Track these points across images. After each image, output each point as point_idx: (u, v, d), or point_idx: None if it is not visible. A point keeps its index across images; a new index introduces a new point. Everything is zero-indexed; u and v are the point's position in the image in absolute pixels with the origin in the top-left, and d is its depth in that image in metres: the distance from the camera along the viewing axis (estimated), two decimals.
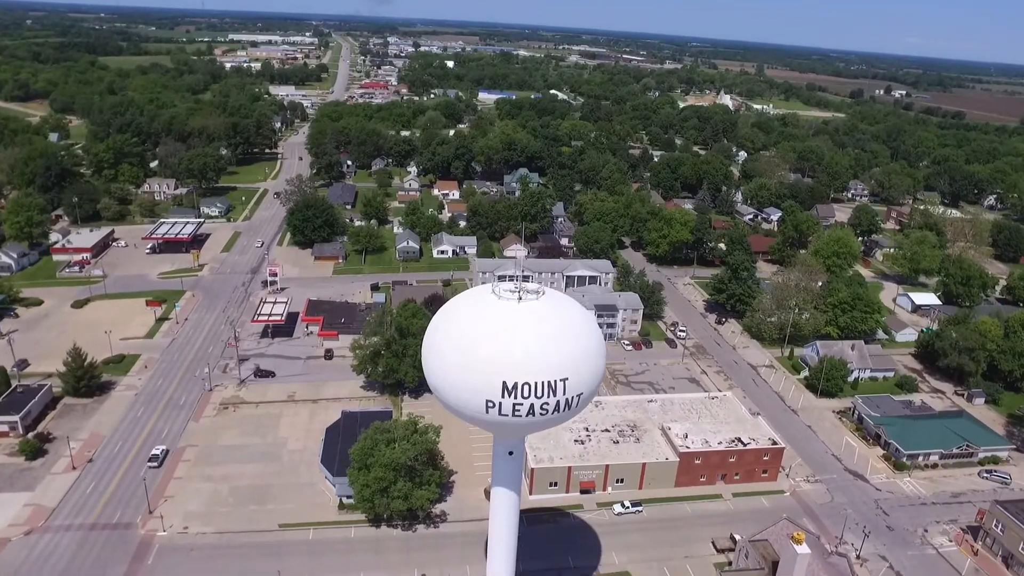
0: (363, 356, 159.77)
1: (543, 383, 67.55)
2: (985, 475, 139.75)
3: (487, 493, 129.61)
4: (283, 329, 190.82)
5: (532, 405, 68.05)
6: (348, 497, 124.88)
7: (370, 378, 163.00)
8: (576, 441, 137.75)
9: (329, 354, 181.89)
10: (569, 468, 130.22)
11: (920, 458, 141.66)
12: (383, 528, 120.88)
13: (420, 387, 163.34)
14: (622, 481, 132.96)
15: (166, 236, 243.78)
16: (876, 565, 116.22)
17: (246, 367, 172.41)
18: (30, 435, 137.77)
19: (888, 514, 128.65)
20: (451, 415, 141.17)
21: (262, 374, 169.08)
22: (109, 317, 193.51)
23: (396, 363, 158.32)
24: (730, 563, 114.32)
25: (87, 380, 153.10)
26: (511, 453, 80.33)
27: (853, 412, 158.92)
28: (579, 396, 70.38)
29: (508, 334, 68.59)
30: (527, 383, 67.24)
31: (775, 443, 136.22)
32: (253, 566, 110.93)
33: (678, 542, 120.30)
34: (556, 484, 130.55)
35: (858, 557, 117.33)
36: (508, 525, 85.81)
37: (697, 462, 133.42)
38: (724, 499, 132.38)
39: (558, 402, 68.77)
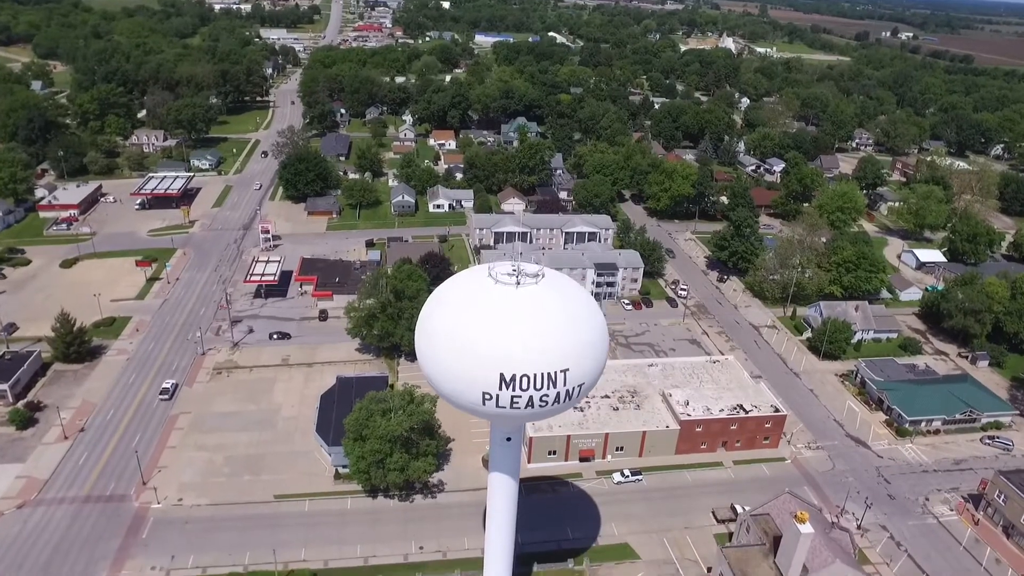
0: (358, 319, 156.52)
1: (543, 375, 64.34)
2: (987, 441, 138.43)
3: (485, 462, 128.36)
4: (276, 289, 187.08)
5: (531, 397, 65.00)
6: (344, 467, 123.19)
7: (365, 341, 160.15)
8: (575, 408, 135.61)
9: (323, 315, 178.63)
10: (568, 436, 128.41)
11: (923, 424, 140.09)
12: (380, 499, 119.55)
13: None
14: (622, 449, 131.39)
15: (155, 191, 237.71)
16: (877, 535, 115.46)
17: (239, 329, 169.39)
18: (20, 404, 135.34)
19: (889, 482, 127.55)
20: None
21: (279, 335, 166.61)
22: (99, 277, 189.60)
23: (392, 326, 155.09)
24: (731, 535, 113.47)
25: (77, 346, 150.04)
26: (509, 439, 77.59)
27: (856, 376, 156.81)
28: (580, 386, 67.30)
29: (506, 324, 64.96)
30: (526, 375, 64.04)
31: (777, 410, 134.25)
32: (249, 539, 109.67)
33: (678, 512, 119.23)
34: (555, 452, 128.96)
35: (859, 527, 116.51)
36: (506, 510, 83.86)
37: (698, 430, 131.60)
38: (725, 467, 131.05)
39: (558, 393, 65.74)
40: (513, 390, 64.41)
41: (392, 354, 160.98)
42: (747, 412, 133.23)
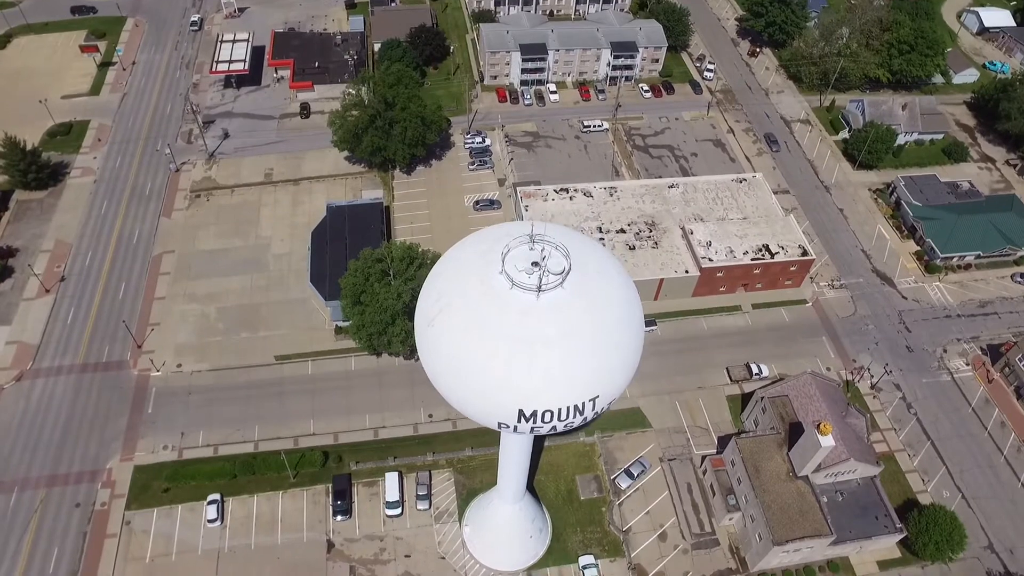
0: (344, 133, 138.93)
1: (568, 408, 55.14)
2: (1019, 279, 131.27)
3: None
4: (249, 77, 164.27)
5: (554, 426, 56.58)
6: (345, 320, 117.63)
7: (355, 155, 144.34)
8: None
9: (305, 110, 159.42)
10: None
11: (954, 259, 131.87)
12: (384, 357, 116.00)
13: (413, 162, 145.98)
14: None
15: None
16: (889, 396, 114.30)
17: (213, 134, 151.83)
18: None
19: (910, 331, 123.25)
20: (448, 207, 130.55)
21: (485, 204, 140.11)
22: (40, 64, 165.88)
23: (382, 141, 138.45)
24: (743, 399, 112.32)
25: (35, 171, 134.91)
26: None
27: (891, 193, 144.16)
28: (609, 404, 58.42)
29: (525, 353, 53.57)
30: (549, 411, 54.86)
31: (805, 253, 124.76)
32: (255, 410, 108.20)
33: (692, 369, 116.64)
34: None
35: (872, 387, 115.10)
36: (520, 460, 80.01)
37: (719, 275, 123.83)
38: (743, 311, 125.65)
39: (584, 418, 57.10)
40: (534, 422, 55.72)
41: (386, 166, 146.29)
42: (773, 256, 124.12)
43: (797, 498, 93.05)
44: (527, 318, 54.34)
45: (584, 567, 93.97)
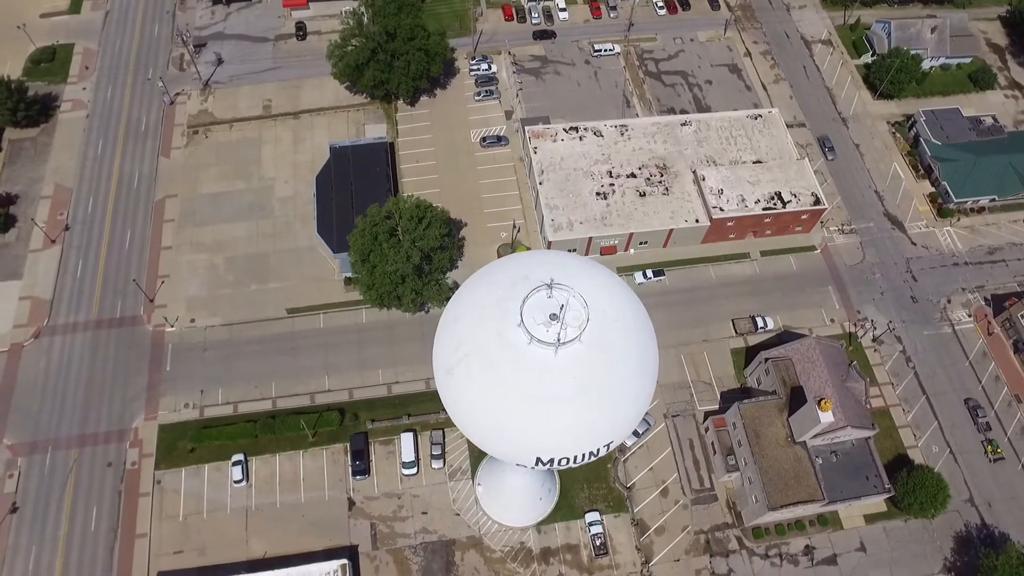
0: (345, 66, 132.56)
1: (585, 453, 57.37)
2: None
3: (499, 254, 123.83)
4: None
5: (569, 467, 59.09)
6: (354, 273, 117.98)
7: (356, 87, 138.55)
8: (598, 195, 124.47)
9: (301, 31, 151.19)
10: (589, 239, 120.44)
11: (968, 202, 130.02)
12: (395, 310, 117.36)
13: (417, 93, 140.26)
14: (646, 243, 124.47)
15: None
16: (890, 349, 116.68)
17: (206, 60, 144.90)
18: None
19: (917, 280, 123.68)
20: (454, 143, 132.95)
21: (492, 141, 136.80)
22: None
23: (385, 75, 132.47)
24: (747, 354, 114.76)
25: (24, 108, 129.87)
26: None
27: (910, 127, 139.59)
28: (619, 444, 60.68)
29: (542, 410, 55.08)
30: (566, 457, 57.13)
31: (817, 202, 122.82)
32: (271, 366, 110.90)
33: (698, 321, 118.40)
34: (574, 251, 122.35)
35: (874, 340, 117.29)
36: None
37: (729, 224, 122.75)
38: (751, 259, 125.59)
39: (598, 457, 59.50)
40: (551, 466, 58.18)
41: (388, 99, 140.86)
42: (785, 204, 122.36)
43: (794, 463, 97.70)
44: (545, 375, 55.39)
45: (590, 523, 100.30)
